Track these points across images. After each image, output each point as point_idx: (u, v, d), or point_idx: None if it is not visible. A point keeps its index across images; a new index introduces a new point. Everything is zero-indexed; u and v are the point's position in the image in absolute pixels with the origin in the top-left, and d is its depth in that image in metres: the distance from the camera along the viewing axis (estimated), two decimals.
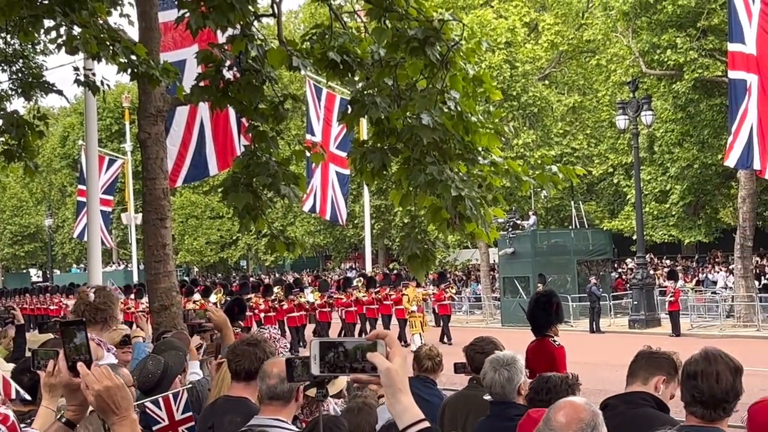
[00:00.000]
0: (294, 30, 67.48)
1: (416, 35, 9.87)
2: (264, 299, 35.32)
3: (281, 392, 5.44)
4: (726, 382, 4.38)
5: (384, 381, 2.99)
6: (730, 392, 4.40)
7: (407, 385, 3.02)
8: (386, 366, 2.98)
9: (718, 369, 4.39)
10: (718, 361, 4.42)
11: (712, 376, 4.39)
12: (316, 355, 3.05)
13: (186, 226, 74.60)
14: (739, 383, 4.45)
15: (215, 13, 9.98)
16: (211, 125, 18.88)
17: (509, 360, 6.61)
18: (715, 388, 4.39)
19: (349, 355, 3.04)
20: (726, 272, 43.68)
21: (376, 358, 2.99)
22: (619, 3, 41.33)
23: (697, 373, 4.43)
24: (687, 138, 43.86)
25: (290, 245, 12.49)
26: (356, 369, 3.04)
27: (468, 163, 10.62)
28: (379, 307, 35.87)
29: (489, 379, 6.57)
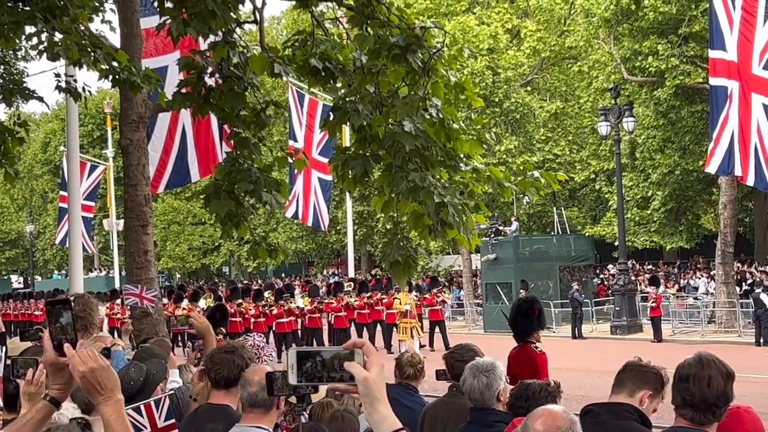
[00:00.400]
0: (277, 36, 67.44)
1: (398, 42, 9.88)
2: (254, 304, 34.84)
3: (262, 400, 5.44)
4: (717, 387, 4.44)
5: (361, 390, 2.98)
6: (721, 397, 4.46)
7: (385, 394, 3.02)
8: (363, 375, 2.97)
9: (711, 373, 4.46)
10: (711, 365, 4.48)
11: (704, 380, 4.45)
12: (293, 364, 3.04)
13: (168, 232, 74.43)
14: (730, 389, 4.51)
15: (196, 20, 9.98)
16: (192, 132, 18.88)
17: (488, 366, 6.62)
18: (706, 392, 4.45)
19: (327, 364, 3.03)
20: (707, 278, 43.82)
21: (353, 368, 2.98)
22: (600, 10, 41.47)
23: (689, 376, 4.49)
24: (668, 144, 44.06)
25: (272, 252, 12.48)
26: (334, 378, 3.03)
27: (450, 169, 10.64)
28: (370, 312, 35.24)
29: (468, 385, 6.58)
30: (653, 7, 38.48)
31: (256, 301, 35.03)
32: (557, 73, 58.44)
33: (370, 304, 35.17)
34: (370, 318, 35.28)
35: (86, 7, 11.76)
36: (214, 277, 78.98)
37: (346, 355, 3.03)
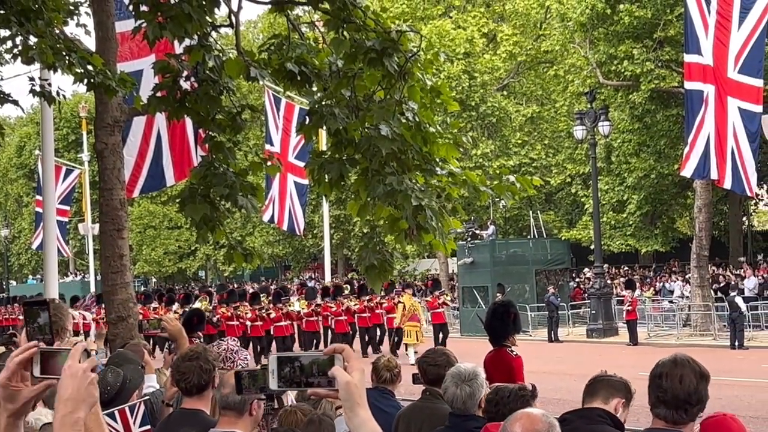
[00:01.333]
0: (253, 39, 67.36)
1: (374, 46, 9.87)
2: (251, 308, 34.40)
3: (233, 402, 5.43)
4: (689, 384, 4.50)
5: (342, 395, 2.99)
6: (693, 395, 4.52)
7: (365, 399, 3.03)
8: (345, 380, 2.98)
9: (683, 372, 4.54)
10: (685, 365, 4.57)
11: (676, 377, 4.52)
12: (274, 370, 3.05)
13: (144, 237, 74.19)
14: (703, 389, 4.56)
15: (172, 23, 9.93)
16: (168, 136, 18.83)
17: (471, 375, 6.62)
18: (678, 388, 4.51)
19: (305, 369, 3.04)
20: (682, 282, 44.00)
21: (336, 372, 2.99)
22: (576, 14, 41.65)
23: (662, 374, 4.56)
24: (644, 148, 44.27)
25: (248, 256, 12.43)
26: (312, 383, 3.04)
27: (426, 173, 10.63)
28: (371, 316, 34.65)
29: (451, 394, 6.57)
30: (628, 11, 38.67)
31: (252, 305, 34.58)
32: (533, 77, 58.68)
33: (370, 308, 34.63)
34: (371, 322, 34.76)
35: (61, 10, 11.69)
36: (191, 282, 78.78)
37: (325, 360, 3.04)
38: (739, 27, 29.32)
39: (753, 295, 38.40)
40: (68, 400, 3.05)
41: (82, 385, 3.08)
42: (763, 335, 34.10)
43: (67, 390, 3.06)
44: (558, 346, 36.23)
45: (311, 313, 35.04)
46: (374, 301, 34.62)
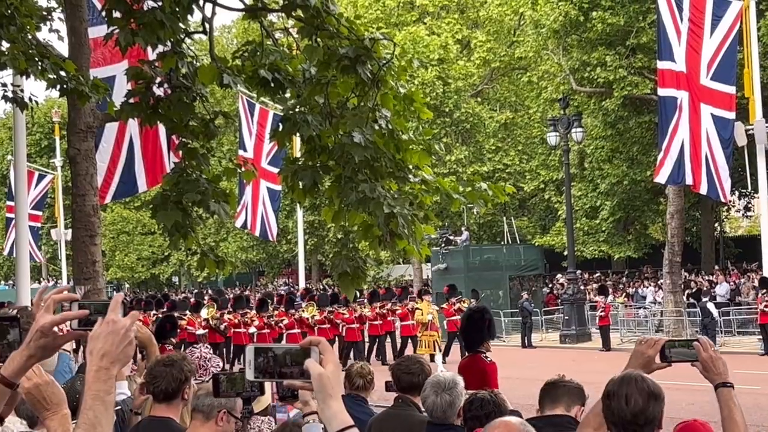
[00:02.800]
0: (227, 45, 67.23)
1: (347, 54, 9.89)
2: (258, 315, 33.03)
3: (202, 405, 5.42)
4: (635, 405, 4.32)
5: (315, 386, 3.01)
6: (640, 415, 4.33)
7: (338, 392, 3.06)
8: (318, 372, 3.01)
9: (629, 391, 4.35)
10: (631, 383, 4.37)
11: (622, 397, 4.35)
12: (251, 360, 3.08)
13: (117, 242, 73.85)
14: (653, 408, 4.38)
15: (145, 30, 9.92)
16: (140, 142, 18.79)
17: (450, 384, 6.63)
18: (624, 409, 4.34)
19: (278, 360, 3.07)
20: (655, 287, 44.18)
21: (309, 364, 3.01)
22: (549, 21, 41.80)
23: (610, 393, 4.41)
24: (617, 155, 44.46)
25: (220, 263, 12.42)
26: (285, 374, 3.08)
27: (399, 180, 10.66)
28: (383, 324, 33.26)
29: (430, 402, 6.57)
30: (601, 18, 38.84)
31: (260, 312, 33.38)
32: (507, 84, 58.83)
33: (382, 315, 33.30)
34: (383, 330, 33.52)
35: (34, 16, 11.65)
36: (164, 287, 78.48)
37: (299, 351, 3.07)
38: (711, 34, 29.56)
39: (725, 300, 38.60)
40: (106, 356, 3.01)
41: (122, 343, 3.04)
42: (735, 341, 34.30)
43: (106, 344, 3.02)
44: (531, 352, 36.31)
45: (323, 320, 33.41)
46: (386, 308, 33.50)
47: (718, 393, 4.61)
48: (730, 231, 65.17)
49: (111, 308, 3.07)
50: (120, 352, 3.03)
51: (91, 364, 3.01)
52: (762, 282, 32.57)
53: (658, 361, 4.66)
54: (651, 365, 4.68)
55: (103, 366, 2.99)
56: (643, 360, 4.67)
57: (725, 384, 4.61)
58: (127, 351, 3.05)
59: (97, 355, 3.00)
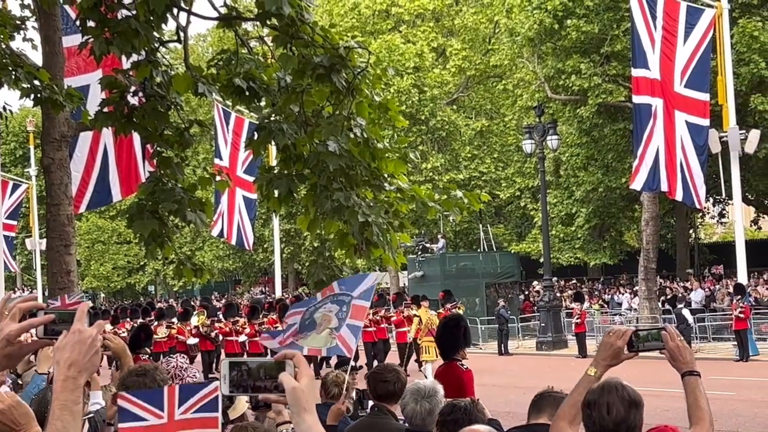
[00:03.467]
0: (202, 53, 67.14)
1: (322, 62, 9.88)
2: (249, 322, 32.29)
3: None
4: (617, 414, 4.34)
5: (290, 400, 3.02)
6: (621, 424, 4.36)
7: (313, 406, 3.06)
8: (292, 385, 3.01)
9: (610, 400, 4.37)
10: (612, 392, 4.40)
11: (603, 406, 4.37)
12: (226, 374, 3.08)
13: (92, 252, 73.52)
14: (634, 416, 4.41)
15: (119, 39, 9.87)
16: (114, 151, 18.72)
17: (430, 391, 6.63)
18: (606, 419, 4.36)
19: (252, 373, 3.08)
20: (630, 294, 44.41)
21: (283, 378, 3.02)
22: (524, 29, 41.95)
23: (591, 402, 4.42)
24: (592, 162, 44.64)
25: (198, 271, 12.39)
26: (259, 388, 3.08)
27: (374, 189, 10.66)
28: (376, 331, 32.43)
29: (410, 410, 6.58)
30: (576, 26, 39.00)
31: (251, 320, 32.56)
32: (482, 92, 59.02)
33: (376, 321, 32.41)
34: (377, 337, 32.61)
35: (7, 25, 11.62)
36: (140, 297, 78.16)
37: (272, 364, 3.08)
38: (685, 42, 29.76)
39: (700, 307, 38.82)
40: (73, 365, 3.01)
41: (89, 352, 3.05)
42: (710, 347, 34.47)
43: (73, 353, 3.02)
44: (508, 359, 36.37)
45: None
46: (380, 315, 32.86)
47: (685, 381, 4.71)
48: (705, 237, 65.48)
49: (77, 318, 3.08)
50: (87, 362, 3.03)
51: (59, 374, 3.01)
52: (737, 288, 32.78)
53: (626, 352, 4.71)
54: (620, 356, 4.74)
55: (70, 375, 3.00)
56: (612, 351, 4.72)
57: (692, 372, 4.71)
58: (93, 360, 3.06)
59: (64, 365, 3.00)
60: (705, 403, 4.66)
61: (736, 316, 31.00)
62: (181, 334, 33.20)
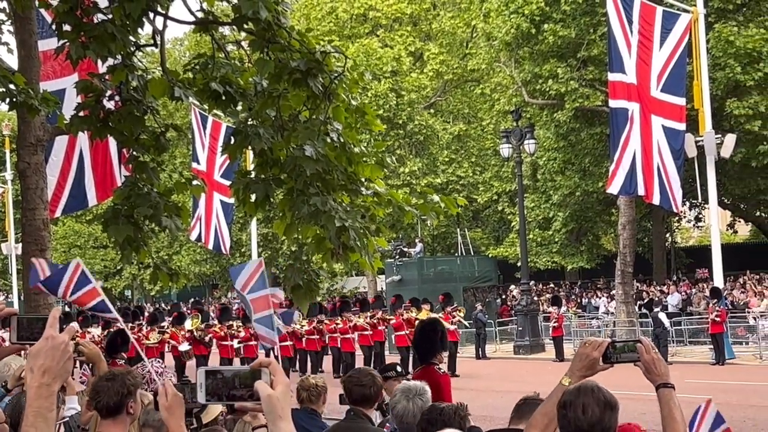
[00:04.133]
0: (179, 57, 66.98)
1: (299, 67, 9.88)
2: (245, 326, 31.51)
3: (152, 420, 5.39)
4: (592, 415, 4.34)
5: (265, 408, 3.03)
6: (596, 425, 4.34)
7: (288, 413, 3.06)
8: (267, 393, 3.02)
9: (585, 401, 4.36)
10: (588, 393, 4.40)
11: (579, 407, 4.36)
12: (202, 383, 3.09)
13: (69, 256, 72.93)
14: (609, 418, 4.40)
15: (95, 43, 9.83)
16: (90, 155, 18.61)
17: (420, 390, 6.69)
18: (581, 419, 4.35)
19: (228, 382, 3.09)
20: (607, 298, 44.55)
21: (259, 385, 3.03)
22: (501, 34, 42.06)
23: (567, 403, 4.43)
24: (569, 166, 44.80)
25: (173, 276, 12.34)
26: (235, 396, 3.09)
27: (351, 193, 10.67)
28: (373, 334, 32.09)
29: (401, 407, 6.60)
30: (552, 31, 39.11)
31: (246, 324, 31.15)
32: (460, 96, 59.15)
33: (373, 324, 32.20)
34: (374, 340, 32.33)
35: None
36: (117, 302, 77.85)
37: (247, 373, 3.09)
38: (661, 47, 29.88)
39: (676, 310, 38.99)
40: (47, 372, 3.01)
41: (63, 358, 3.06)
42: (687, 350, 34.62)
43: (47, 360, 3.02)
44: (485, 363, 36.39)
45: (312, 330, 32.71)
46: (376, 317, 32.53)
47: (659, 393, 4.75)
48: (681, 241, 65.85)
49: (49, 324, 3.09)
50: (61, 368, 3.05)
51: (33, 381, 3.01)
52: (713, 292, 32.94)
53: (601, 363, 4.72)
54: (595, 367, 4.75)
55: (44, 382, 3.00)
56: (587, 362, 4.74)
57: (666, 385, 4.74)
58: (67, 366, 3.07)
59: (39, 371, 3.01)
60: (679, 415, 4.70)
61: (713, 319, 31.15)
62: (175, 339, 32.98)
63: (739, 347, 33.33)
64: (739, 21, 37.03)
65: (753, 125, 36.21)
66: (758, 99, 36.30)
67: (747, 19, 37.31)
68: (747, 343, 34.55)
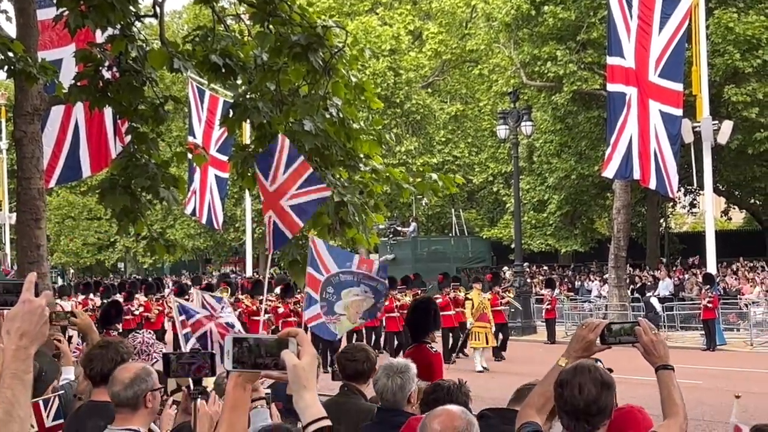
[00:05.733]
0: (177, 30, 66.69)
1: (299, 41, 9.85)
2: (283, 302, 30.32)
3: (125, 399, 5.33)
4: (588, 394, 4.37)
5: (290, 377, 3.05)
6: (593, 405, 4.37)
7: (313, 384, 3.09)
8: (294, 363, 3.04)
9: (582, 380, 4.39)
10: (585, 373, 4.42)
11: (576, 386, 4.39)
12: (229, 350, 3.11)
13: (62, 227, 73.03)
14: (605, 398, 4.43)
15: (94, 12, 9.78)
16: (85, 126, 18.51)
17: (403, 368, 6.66)
18: (577, 398, 4.38)
19: (252, 350, 3.10)
20: (600, 281, 44.57)
21: (286, 355, 3.05)
22: (501, 14, 41.95)
23: (563, 382, 4.44)
24: (565, 149, 44.72)
25: (170, 248, 12.34)
26: (259, 365, 3.10)
27: (349, 169, 10.66)
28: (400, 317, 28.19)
29: (381, 385, 6.59)
30: (552, 13, 38.98)
31: (284, 298, 30.54)
32: (458, 76, 58.99)
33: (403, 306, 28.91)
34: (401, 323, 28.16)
35: None
36: (109, 274, 77.81)
37: (272, 342, 3.10)
38: (660, 32, 29.77)
39: (668, 295, 39.01)
40: (24, 335, 3.04)
41: (39, 322, 3.08)
42: (678, 336, 34.63)
43: (24, 323, 3.05)
44: None
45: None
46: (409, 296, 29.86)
47: (659, 375, 4.74)
48: (675, 227, 65.81)
49: (25, 288, 3.11)
50: (37, 331, 3.07)
51: (10, 344, 3.04)
52: (705, 278, 32.97)
53: (598, 344, 4.74)
54: (591, 348, 4.76)
55: (21, 345, 3.03)
56: (584, 343, 4.74)
57: (666, 366, 4.74)
58: (43, 330, 3.10)
59: (16, 334, 3.04)
60: (678, 397, 4.70)
61: (705, 305, 31.17)
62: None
63: (730, 333, 33.38)
64: (740, 7, 36.92)
65: (750, 112, 36.16)
66: (756, 86, 36.24)
67: (747, 5, 37.19)
68: (738, 329, 34.60)
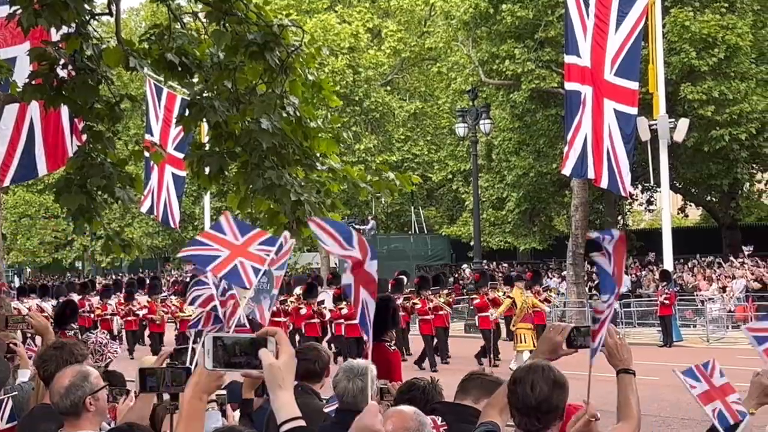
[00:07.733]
0: (135, 28, 66.28)
1: (256, 39, 9.83)
2: (307, 302, 29.14)
3: (65, 408, 5.20)
4: (540, 392, 4.41)
5: (266, 376, 3.11)
6: (543, 403, 4.41)
7: (289, 383, 3.16)
8: (269, 362, 3.08)
9: (534, 378, 4.44)
10: (538, 371, 4.48)
11: (528, 384, 4.44)
12: (209, 349, 3.11)
13: (19, 226, 72.29)
14: (557, 396, 4.46)
15: (48, 11, 9.69)
16: (41, 125, 18.34)
17: (362, 370, 6.66)
18: (529, 396, 4.42)
19: (228, 350, 3.11)
20: (559, 278, 44.80)
21: (262, 354, 3.08)
22: (459, 12, 42.03)
23: (517, 379, 4.50)
24: (523, 147, 44.88)
25: (126, 247, 12.25)
26: (234, 364, 3.13)
27: (306, 168, 10.65)
28: (434, 319, 27.95)
29: (342, 387, 6.60)
30: (510, 11, 39.13)
31: (308, 299, 29.33)
32: (417, 74, 59.11)
33: (436, 308, 28.16)
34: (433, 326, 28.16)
35: None
36: (67, 273, 77.19)
37: (246, 340, 3.13)
38: (616, 30, 29.97)
39: (626, 292, 39.25)
40: None
41: None
42: (636, 332, 34.88)
43: None
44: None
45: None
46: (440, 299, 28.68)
47: (619, 378, 4.90)
48: (633, 224, 66.26)
49: None
50: None
51: None
52: (662, 275, 33.22)
53: (564, 347, 4.76)
54: (558, 351, 4.83)
55: None
56: (551, 345, 4.81)
57: (627, 371, 4.89)
58: None
59: None
60: (635, 402, 4.87)
61: (661, 302, 31.41)
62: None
63: (686, 329, 33.72)
64: (695, 6, 37.26)
65: (706, 110, 36.50)
66: (712, 84, 36.58)
67: (703, 4, 37.53)
68: (695, 325, 34.94)
